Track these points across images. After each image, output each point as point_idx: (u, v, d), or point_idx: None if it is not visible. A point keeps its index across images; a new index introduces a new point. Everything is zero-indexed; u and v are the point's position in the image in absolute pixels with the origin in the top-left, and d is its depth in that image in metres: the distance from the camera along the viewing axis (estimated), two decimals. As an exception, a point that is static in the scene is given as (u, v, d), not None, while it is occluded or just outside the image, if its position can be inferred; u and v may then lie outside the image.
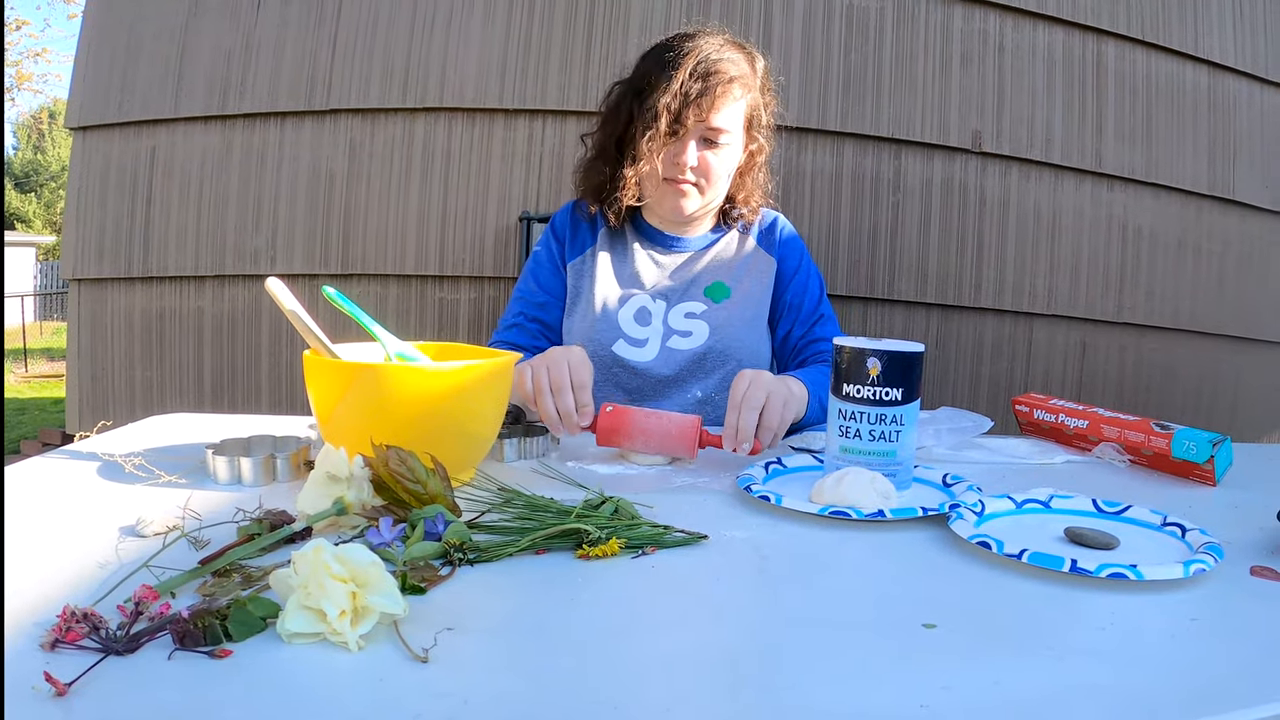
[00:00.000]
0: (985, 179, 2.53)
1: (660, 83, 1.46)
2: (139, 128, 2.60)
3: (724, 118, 1.48)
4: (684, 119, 1.45)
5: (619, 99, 1.55)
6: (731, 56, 1.49)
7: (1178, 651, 0.64)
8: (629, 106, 1.52)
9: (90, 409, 2.70)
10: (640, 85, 1.50)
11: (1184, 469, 1.15)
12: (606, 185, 1.58)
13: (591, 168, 1.61)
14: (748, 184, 1.62)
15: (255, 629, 0.61)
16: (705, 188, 1.53)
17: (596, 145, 1.60)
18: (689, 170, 1.50)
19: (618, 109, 1.55)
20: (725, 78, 1.46)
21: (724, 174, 1.54)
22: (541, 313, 1.62)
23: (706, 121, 1.47)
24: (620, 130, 1.54)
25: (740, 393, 1.20)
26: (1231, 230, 2.71)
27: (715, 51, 1.48)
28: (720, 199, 1.60)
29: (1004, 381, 2.60)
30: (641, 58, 1.55)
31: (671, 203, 1.55)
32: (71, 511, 0.91)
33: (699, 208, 1.56)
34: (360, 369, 0.99)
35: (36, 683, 0.53)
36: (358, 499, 0.85)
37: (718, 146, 1.50)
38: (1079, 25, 2.53)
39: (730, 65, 1.48)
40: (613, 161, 1.56)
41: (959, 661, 0.61)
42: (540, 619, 0.67)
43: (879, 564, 0.82)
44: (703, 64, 1.45)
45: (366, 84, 2.49)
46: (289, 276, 2.41)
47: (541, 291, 1.63)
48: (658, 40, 1.55)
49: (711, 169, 1.51)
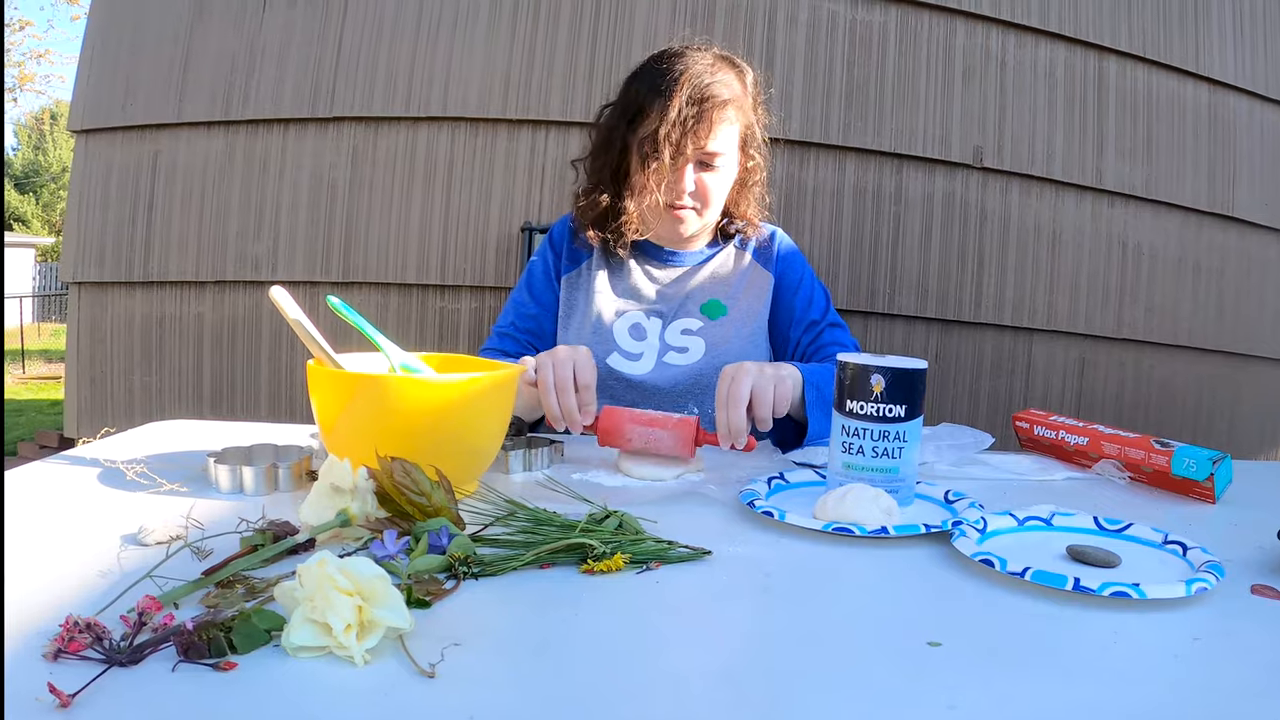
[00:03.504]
0: (986, 194, 2.54)
1: (655, 111, 1.44)
2: (142, 132, 2.61)
3: (720, 141, 1.47)
4: (683, 148, 1.44)
5: (611, 127, 1.53)
6: (724, 78, 1.48)
7: (1182, 671, 0.64)
8: (622, 135, 1.50)
9: (89, 413, 2.70)
10: (632, 113, 1.49)
11: (1184, 486, 1.15)
12: (609, 216, 1.56)
13: (590, 199, 1.58)
14: (745, 199, 1.61)
15: (260, 641, 0.61)
16: (703, 210, 1.53)
17: (593, 175, 1.58)
18: (687, 196, 1.50)
19: (610, 138, 1.53)
20: (720, 101, 1.45)
21: (721, 194, 1.54)
22: (533, 323, 1.63)
23: (703, 147, 1.46)
24: (616, 160, 1.53)
25: (724, 391, 1.22)
26: (1231, 247, 2.72)
27: (708, 74, 1.46)
28: (717, 217, 1.60)
29: (1003, 397, 2.61)
30: (629, 79, 1.53)
31: (670, 227, 1.55)
32: (72, 518, 0.91)
33: (697, 228, 1.57)
34: (364, 380, 0.99)
35: (39, 694, 0.53)
36: (361, 511, 0.84)
37: (714, 169, 1.50)
38: (1081, 42, 2.54)
39: (723, 88, 1.46)
40: (611, 192, 1.55)
41: (964, 680, 0.61)
42: (545, 634, 0.67)
43: (882, 581, 0.82)
44: (697, 90, 1.43)
45: (370, 92, 2.50)
46: (290, 284, 2.40)
47: (533, 303, 1.64)
48: (644, 60, 1.53)
49: (709, 191, 1.51)
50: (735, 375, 1.23)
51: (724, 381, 1.24)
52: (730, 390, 1.21)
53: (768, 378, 1.24)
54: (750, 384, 1.22)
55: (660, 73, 1.47)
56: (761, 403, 1.23)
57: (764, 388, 1.23)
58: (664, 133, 1.43)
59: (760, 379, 1.23)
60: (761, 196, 1.64)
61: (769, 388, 1.23)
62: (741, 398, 1.21)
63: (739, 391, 1.21)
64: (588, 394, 1.24)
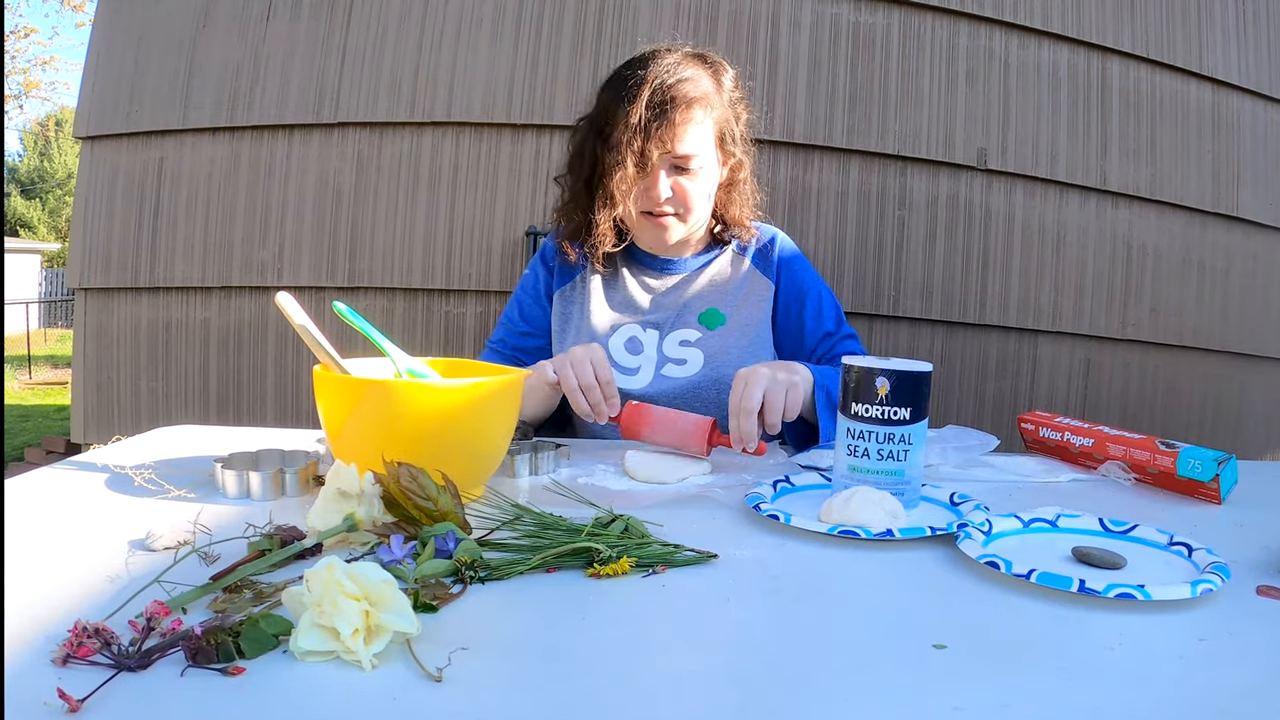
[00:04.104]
0: (990, 196, 2.54)
1: (619, 118, 1.41)
2: (147, 138, 2.62)
3: (689, 143, 1.43)
4: (647, 154, 1.41)
5: (584, 138, 1.51)
6: (689, 74, 1.44)
7: (1187, 672, 0.64)
8: (593, 146, 1.48)
9: (95, 418, 2.71)
10: (601, 122, 1.46)
11: (1189, 487, 1.15)
12: (584, 230, 1.54)
13: (567, 213, 1.57)
14: (734, 200, 1.57)
15: (268, 646, 0.62)
16: (686, 214, 1.49)
17: (569, 189, 1.56)
18: (665, 203, 1.47)
19: (583, 150, 1.51)
20: (684, 102, 1.41)
21: (702, 197, 1.50)
22: (522, 341, 1.63)
23: (671, 151, 1.42)
24: (588, 172, 1.50)
25: (737, 398, 1.23)
26: (1235, 247, 2.71)
27: (670, 74, 1.42)
28: (705, 220, 1.56)
29: (1008, 398, 2.60)
30: (601, 89, 1.50)
31: (653, 236, 1.52)
32: (80, 524, 0.91)
33: (683, 235, 1.54)
34: (371, 385, 0.99)
35: (48, 698, 0.53)
36: (368, 516, 0.85)
37: (690, 172, 1.46)
38: (1084, 43, 2.54)
39: (689, 86, 1.42)
40: (585, 205, 1.52)
41: (969, 682, 0.61)
42: (552, 638, 0.67)
43: (888, 583, 0.82)
44: (658, 92, 1.40)
45: (375, 98, 2.51)
46: (295, 289, 2.42)
47: (523, 322, 1.64)
48: (617, 67, 1.50)
49: (689, 195, 1.47)
50: (749, 381, 1.24)
51: (737, 386, 1.25)
52: (743, 398, 1.22)
53: (780, 384, 1.25)
54: (762, 391, 1.23)
55: (624, 79, 1.44)
56: (772, 409, 1.24)
57: (775, 395, 1.24)
58: (625, 139, 1.40)
59: (773, 386, 1.24)
60: (751, 196, 1.60)
61: (780, 395, 1.24)
62: (754, 406, 1.22)
63: (750, 401, 1.22)
64: (609, 388, 1.29)
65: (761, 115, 2.45)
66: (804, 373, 1.32)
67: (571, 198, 1.55)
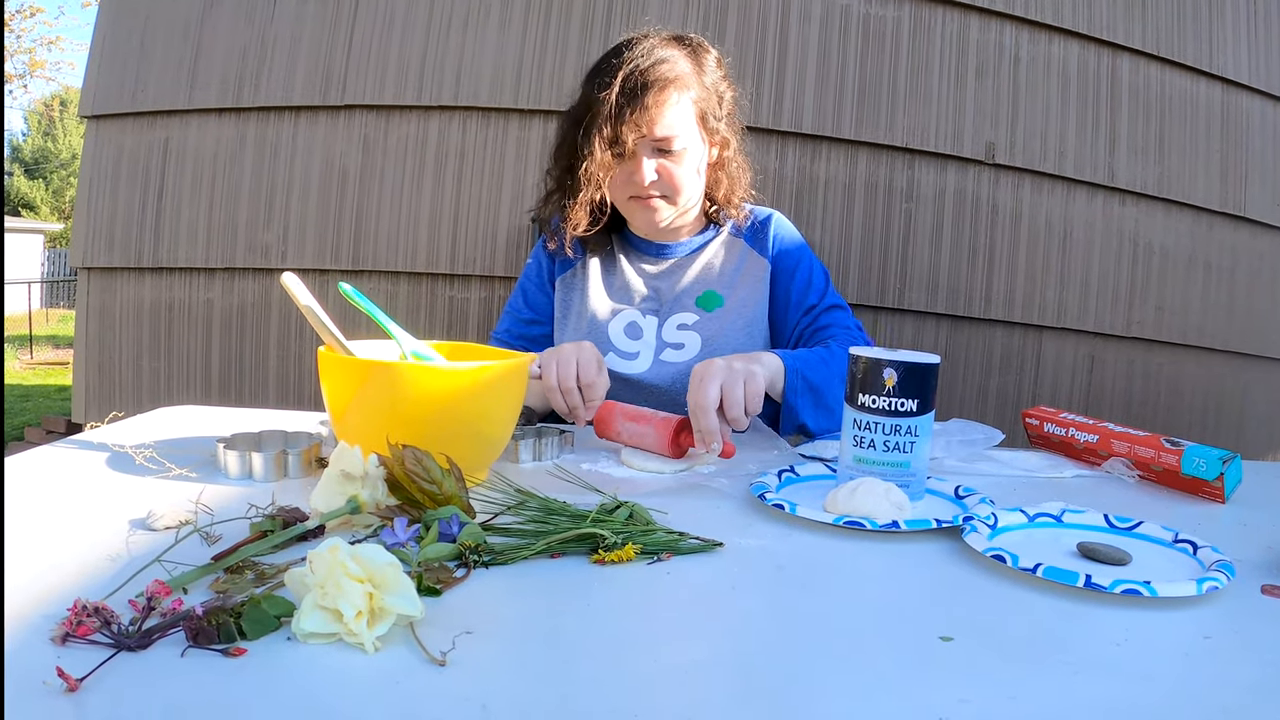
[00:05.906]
0: (998, 191, 2.53)
1: (595, 106, 1.40)
2: (152, 118, 2.61)
3: (668, 125, 1.42)
4: (623, 138, 1.40)
5: (566, 129, 1.50)
6: (665, 55, 1.42)
7: (1193, 669, 0.64)
8: (572, 136, 1.46)
9: (97, 398, 2.71)
10: (579, 113, 1.45)
11: (1193, 485, 1.15)
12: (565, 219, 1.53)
13: (549, 202, 1.56)
14: (724, 179, 1.55)
15: (270, 628, 0.61)
16: (674, 196, 1.48)
17: (555, 179, 1.55)
18: (650, 186, 1.46)
19: (564, 140, 1.50)
20: (660, 84, 1.40)
21: (689, 177, 1.48)
22: (527, 330, 1.63)
23: (649, 135, 1.41)
24: (569, 161, 1.48)
25: (692, 396, 1.17)
26: (1242, 247, 2.70)
27: (645, 58, 1.41)
28: (696, 200, 1.55)
29: (1012, 393, 2.60)
30: (583, 79, 1.49)
31: (644, 219, 1.52)
32: (81, 503, 0.91)
33: (674, 217, 1.52)
34: (375, 367, 0.99)
35: (47, 677, 0.53)
36: (372, 498, 0.84)
37: (673, 154, 1.44)
38: (1095, 39, 2.53)
39: (664, 68, 1.41)
40: (570, 194, 1.51)
41: (975, 675, 0.61)
42: (556, 624, 0.67)
43: (894, 575, 0.82)
44: (632, 76, 1.39)
45: (382, 80, 2.50)
46: (300, 271, 2.41)
47: (529, 309, 1.64)
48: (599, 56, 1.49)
49: (674, 177, 1.46)
50: (704, 376, 1.18)
51: (693, 383, 1.19)
52: (697, 396, 1.17)
53: (736, 374, 1.19)
54: (718, 385, 1.17)
55: (601, 69, 1.44)
56: (731, 403, 1.17)
57: (732, 386, 1.18)
58: (597, 126, 1.40)
59: (729, 378, 1.18)
60: (740, 175, 1.57)
61: (738, 387, 1.18)
62: (710, 403, 1.15)
63: (705, 397, 1.15)
64: (590, 391, 1.26)
65: (770, 105, 2.45)
66: (767, 360, 1.29)
67: (557, 187, 1.54)
